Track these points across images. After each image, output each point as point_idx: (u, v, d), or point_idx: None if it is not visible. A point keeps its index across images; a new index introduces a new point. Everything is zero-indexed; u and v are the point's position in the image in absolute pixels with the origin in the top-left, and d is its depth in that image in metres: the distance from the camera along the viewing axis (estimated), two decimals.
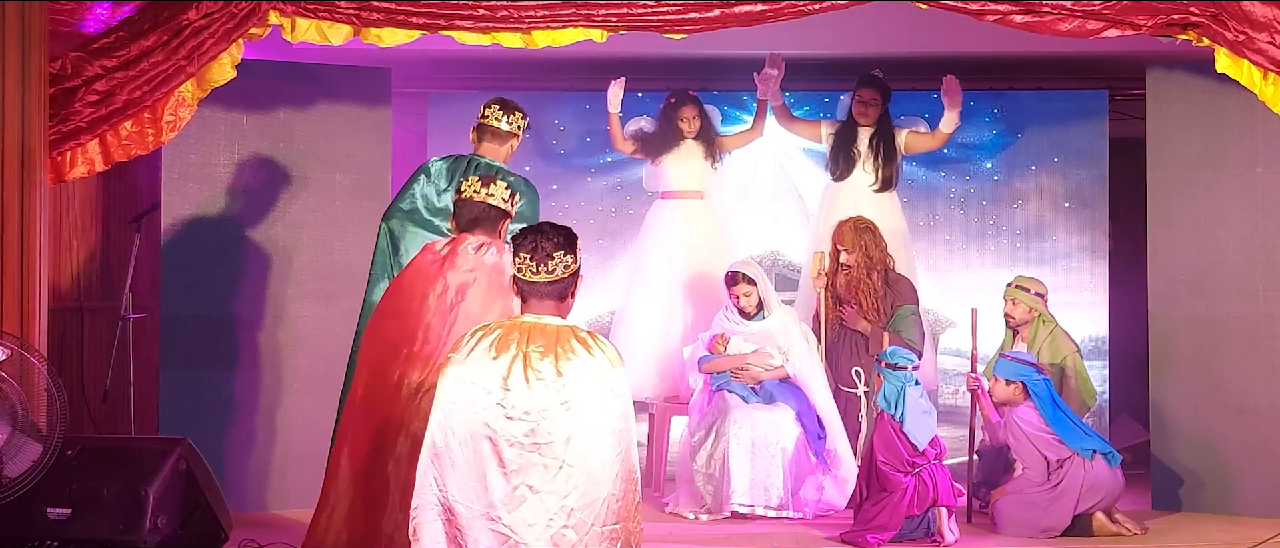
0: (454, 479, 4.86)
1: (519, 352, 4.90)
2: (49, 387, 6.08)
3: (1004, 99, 9.55)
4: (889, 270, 8.36)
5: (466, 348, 4.95)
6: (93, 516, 6.14)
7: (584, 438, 4.85)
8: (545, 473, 4.84)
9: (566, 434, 4.84)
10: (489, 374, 4.87)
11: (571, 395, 4.85)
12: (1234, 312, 8.08)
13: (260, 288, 8.12)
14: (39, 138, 6.75)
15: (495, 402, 4.85)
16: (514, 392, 4.85)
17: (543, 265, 4.98)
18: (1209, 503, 8.12)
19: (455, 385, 4.89)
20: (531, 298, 5.01)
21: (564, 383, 4.85)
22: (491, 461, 4.85)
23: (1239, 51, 6.96)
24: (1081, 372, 8.16)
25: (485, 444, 4.85)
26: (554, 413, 4.84)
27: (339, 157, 8.28)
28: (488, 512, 4.85)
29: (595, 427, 4.87)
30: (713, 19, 7.12)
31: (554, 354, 4.89)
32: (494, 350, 4.91)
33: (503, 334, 4.94)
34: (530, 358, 4.88)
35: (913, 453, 7.34)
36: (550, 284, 4.98)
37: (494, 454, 4.85)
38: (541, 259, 4.98)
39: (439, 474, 4.88)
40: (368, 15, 7.07)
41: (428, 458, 4.89)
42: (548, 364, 4.87)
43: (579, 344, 4.92)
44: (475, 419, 4.85)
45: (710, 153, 8.86)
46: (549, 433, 4.84)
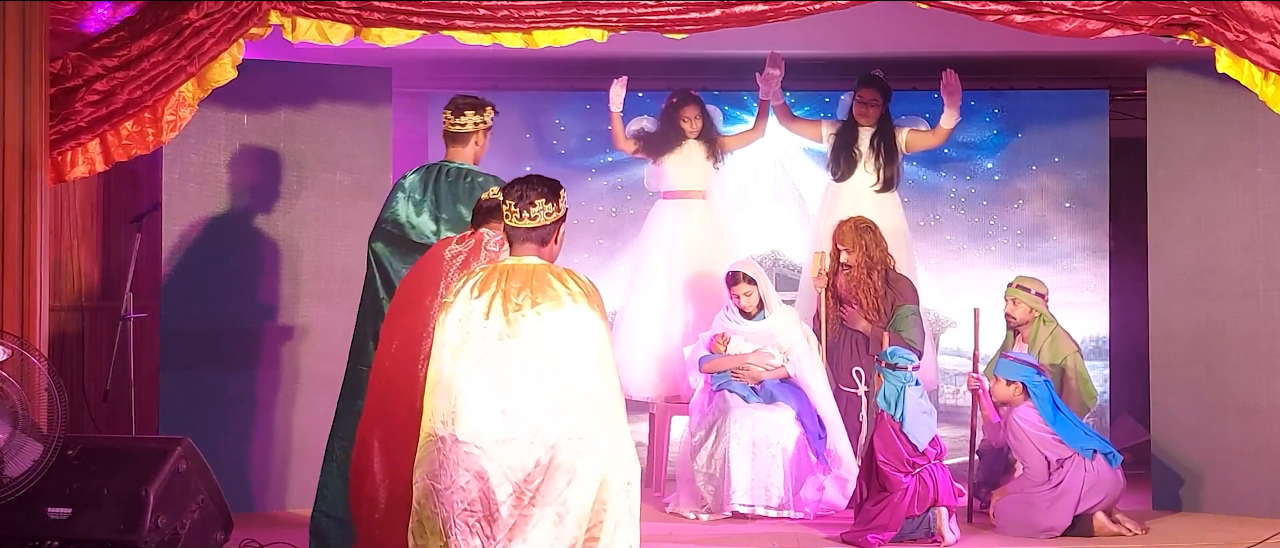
0: (444, 408, 5.30)
1: (498, 289, 5.36)
2: (49, 386, 6.08)
3: (1005, 99, 9.55)
4: (889, 270, 8.36)
5: (454, 293, 5.44)
6: (93, 515, 6.14)
7: (562, 358, 5.28)
8: (525, 396, 5.26)
9: (547, 356, 5.28)
10: (474, 312, 5.34)
11: (548, 323, 5.30)
12: (1235, 312, 8.08)
13: (261, 288, 8.12)
14: (40, 137, 6.75)
15: (480, 332, 5.31)
16: (494, 321, 5.31)
17: (526, 212, 5.43)
18: (1210, 503, 8.12)
19: (446, 328, 5.36)
20: (516, 242, 5.48)
21: (540, 310, 5.31)
22: (479, 384, 5.27)
23: (1240, 51, 6.96)
24: (1082, 372, 8.16)
25: (473, 368, 5.29)
26: (534, 339, 5.29)
27: (339, 157, 8.29)
28: (474, 438, 5.25)
29: (570, 350, 5.30)
30: (713, 19, 7.12)
31: (530, 288, 5.34)
32: (476, 290, 5.39)
33: (484, 277, 5.43)
34: (509, 294, 5.34)
35: (913, 453, 7.34)
36: (532, 230, 5.44)
37: (480, 378, 5.28)
38: (525, 206, 5.44)
39: (434, 406, 5.32)
40: (368, 15, 7.07)
41: (428, 391, 5.37)
42: (525, 297, 5.33)
43: (554, 279, 5.37)
44: (464, 351, 5.30)
45: (712, 153, 8.86)
46: (529, 358, 5.28)
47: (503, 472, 5.25)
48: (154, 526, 6.12)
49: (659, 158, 8.87)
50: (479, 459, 5.26)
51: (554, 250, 5.52)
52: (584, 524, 5.27)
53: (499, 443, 5.26)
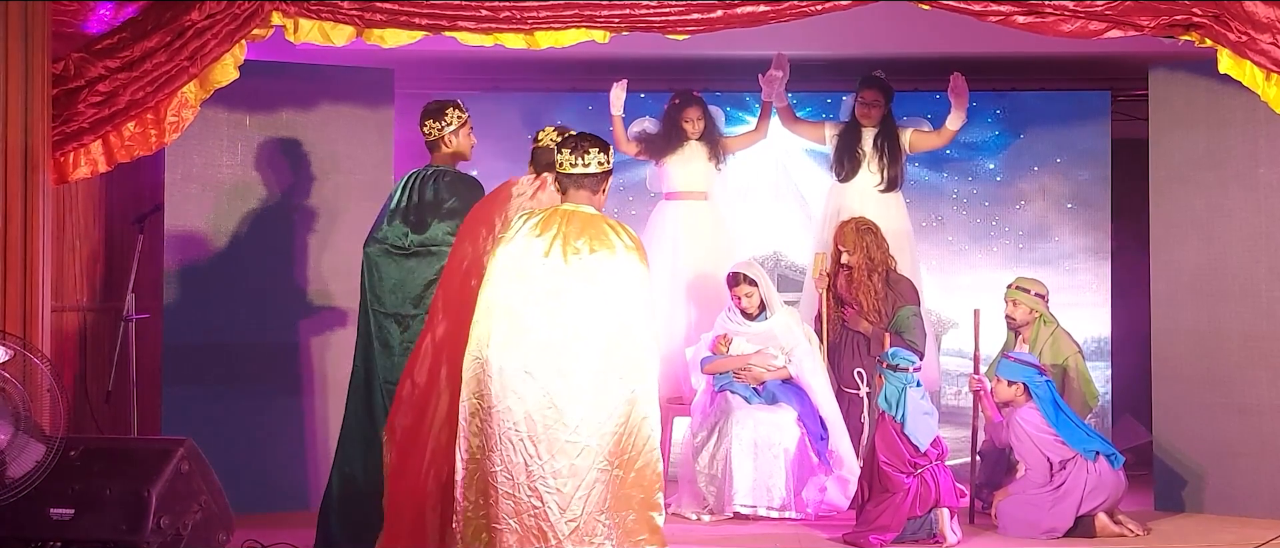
0: (499, 333, 5.78)
1: (559, 231, 5.89)
2: (52, 387, 6.08)
3: (1006, 100, 9.55)
4: (890, 272, 8.36)
5: (515, 229, 5.95)
6: (95, 516, 6.14)
7: (612, 301, 5.81)
8: (575, 331, 5.79)
9: (599, 297, 5.81)
10: (533, 249, 5.87)
11: (602, 268, 5.83)
12: (1236, 312, 8.08)
13: (263, 288, 8.12)
14: (42, 138, 6.76)
15: (539, 268, 5.83)
16: (553, 260, 5.84)
17: (581, 159, 5.96)
18: (1212, 504, 8.12)
19: (502, 261, 5.87)
20: (569, 189, 6.00)
21: (597, 259, 5.84)
22: (534, 315, 5.79)
23: (1241, 52, 6.96)
24: (1084, 372, 8.16)
25: (529, 300, 5.80)
26: (589, 280, 5.81)
27: (341, 157, 8.29)
28: (524, 366, 5.75)
29: (620, 294, 5.83)
30: (715, 20, 7.12)
31: (588, 235, 5.87)
32: (538, 229, 5.91)
33: (546, 217, 5.95)
34: (569, 237, 5.87)
35: (915, 454, 7.34)
36: (585, 176, 5.98)
37: (536, 311, 5.79)
38: (580, 154, 5.97)
39: (488, 329, 5.80)
40: (370, 16, 7.08)
41: (481, 315, 5.84)
42: (584, 242, 5.86)
43: (609, 228, 5.92)
44: (521, 284, 5.82)
45: (714, 154, 8.86)
46: (582, 297, 5.80)
47: (550, 397, 5.75)
48: (156, 526, 6.12)
49: (661, 159, 8.87)
50: (529, 384, 5.76)
51: (601, 200, 6.05)
52: (612, 449, 5.79)
53: (549, 371, 5.76)
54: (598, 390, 5.80)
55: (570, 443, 5.78)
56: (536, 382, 5.78)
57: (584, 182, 6.00)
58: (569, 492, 5.78)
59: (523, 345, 5.79)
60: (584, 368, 5.80)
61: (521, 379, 5.78)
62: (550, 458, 5.77)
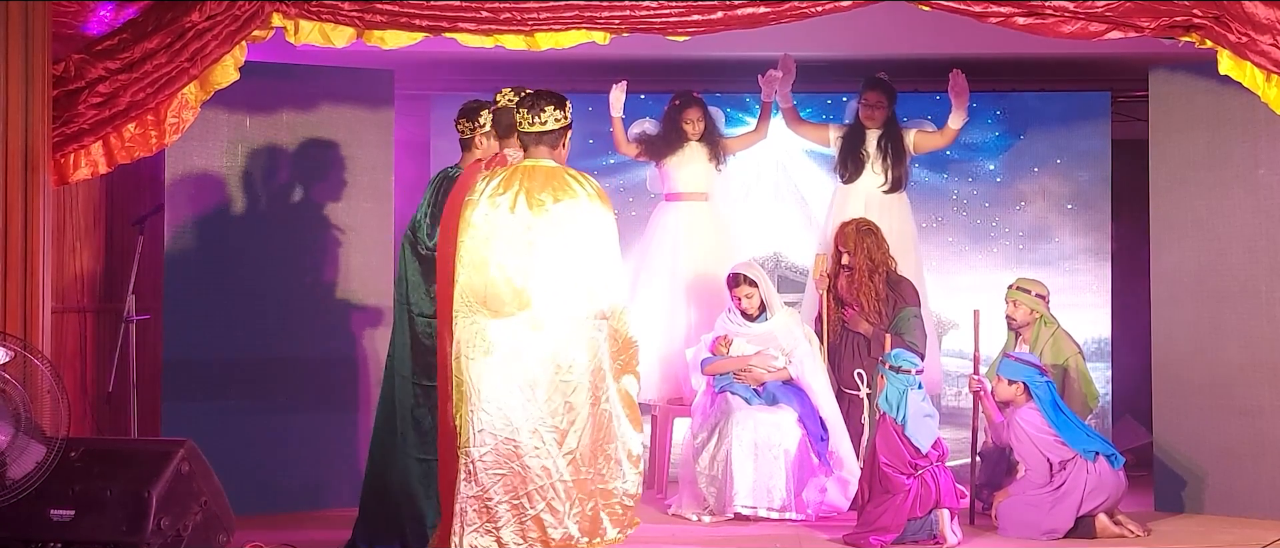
0: (479, 286, 6.10)
1: (521, 187, 6.14)
2: (52, 388, 6.08)
3: (1007, 100, 9.55)
4: (891, 273, 8.36)
5: (478, 191, 6.18)
6: (96, 517, 6.14)
7: (581, 245, 6.13)
8: (550, 276, 6.10)
9: (569, 242, 6.12)
10: (499, 206, 6.13)
11: (565, 217, 6.11)
12: (1237, 313, 8.08)
13: (263, 289, 8.12)
14: (42, 140, 6.76)
15: (507, 223, 6.10)
16: (520, 214, 6.10)
17: (537, 117, 6.21)
18: (1212, 505, 8.12)
19: (473, 221, 6.12)
20: (530, 146, 6.25)
21: (562, 207, 6.11)
22: (511, 266, 6.09)
23: (1242, 53, 6.96)
24: (1084, 373, 8.17)
25: (505, 253, 6.09)
26: (556, 228, 6.10)
27: (342, 158, 8.29)
28: (508, 312, 6.09)
29: (587, 238, 6.15)
30: (715, 21, 7.12)
31: (551, 186, 6.13)
32: (501, 188, 6.16)
33: (506, 176, 6.20)
34: (531, 190, 6.12)
35: (915, 455, 7.34)
36: (543, 133, 6.22)
37: (512, 261, 6.09)
38: (536, 111, 6.21)
39: (470, 284, 6.11)
40: (371, 17, 7.08)
41: (465, 271, 6.13)
42: (547, 193, 6.12)
43: (570, 178, 6.18)
44: (494, 240, 6.10)
45: (714, 155, 8.86)
46: (553, 244, 6.10)
47: (539, 344, 6.09)
48: (157, 527, 6.12)
49: (661, 160, 8.87)
50: (515, 332, 6.09)
51: (562, 155, 6.28)
52: (596, 376, 6.18)
53: (530, 317, 6.09)
54: (579, 330, 6.14)
55: (564, 383, 6.13)
56: (524, 330, 6.10)
57: (543, 138, 6.25)
58: (564, 428, 6.14)
59: (504, 296, 6.11)
60: (565, 313, 6.12)
61: (509, 329, 6.11)
62: (546, 399, 6.12)
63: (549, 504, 6.15)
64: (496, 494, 6.15)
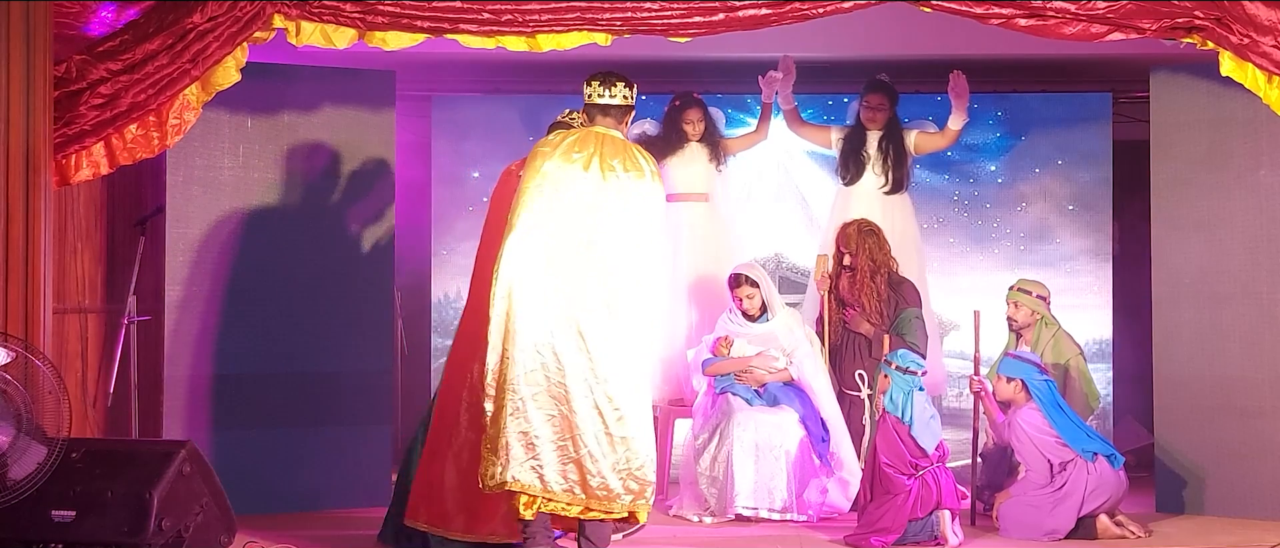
0: (537, 230, 6.28)
1: (596, 150, 6.39)
2: (53, 389, 6.09)
3: (1008, 102, 9.55)
4: (893, 274, 8.36)
5: (553, 144, 6.43)
6: (97, 518, 6.14)
7: (638, 218, 6.37)
8: (607, 238, 6.30)
9: (630, 213, 6.35)
10: (574, 162, 6.36)
11: (631, 190, 6.37)
12: (1238, 314, 8.08)
13: (264, 290, 8.12)
14: (43, 140, 6.76)
15: (578, 179, 6.33)
16: (593, 174, 6.34)
17: (608, 90, 6.49)
18: (1213, 505, 8.12)
19: (546, 171, 6.34)
20: (598, 117, 6.51)
21: (629, 178, 6.37)
22: (572, 221, 6.30)
23: (1243, 55, 6.96)
24: (1085, 374, 8.17)
25: (570, 207, 6.30)
26: (622, 196, 6.35)
27: (343, 159, 8.29)
28: (560, 263, 6.26)
29: (645, 213, 6.39)
30: (716, 22, 7.12)
31: (622, 157, 6.39)
32: (577, 147, 6.40)
33: (581, 137, 6.45)
34: (605, 156, 6.37)
35: (917, 456, 7.34)
36: (614, 106, 6.50)
37: (575, 217, 6.30)
38: (608, 85, 6.50)
39: (523, 223, 6.29)
40: (372, 18, 7.08)
41: (521, 209, 6.33)
42: (618, 162, 6.38)
43: (637, 153, 6.46)
44: (562, 192, 6.31)
45: (715, 155, 8.86)
46: (615, 210, 6.34)
47: (591, 294, 6.26)
48: (158, 528, 6.13)
49: (662, 161, 8.86)
50: (572, 281, 6.25)
51: (625, 132, 6.54)
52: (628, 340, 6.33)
53: (587, 269, 6.27)
54: (626, 299, 6.34)
55: (612, 339, 6.30)
56: (581, 280, 6.28)
57: (611, 111, 6.50)
58: (610, 380, 6.29)
59: (563, 248, 6.29)
60: (618, 278, 6.32)
61: (567, 279, 6.28)
62: (596, 349, 6.27)
63: (590, 451, 6.24)
64: (543, 433, 6.23)
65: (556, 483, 6.23)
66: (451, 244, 9.52)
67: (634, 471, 6.28)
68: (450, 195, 9.54)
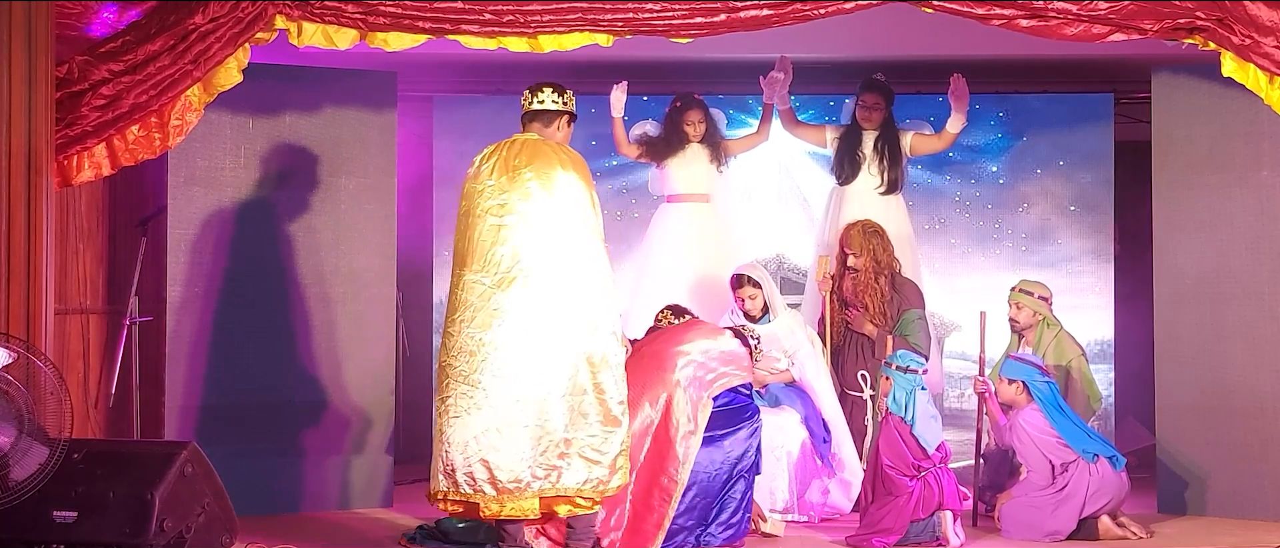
0: (467, 255, 6.64)
1: (499, 156, 6.70)
2: (55, 390, 6.08)
3: (1009, 102, 9.55)
4: (896, 274, 8.36)
5: (476, 162, 6.74)
6: (99, 519, 6.14)
7: (556, 212, 6.60)
8: (522, 239, 6.56)
9: (540, 209, 6.60)
10: (481, 174, 6.70)
11: (539, 182, 6.61)
12: (1239, 315, 8.08)
13: (266, 291, 8.12)
14: (45, 141, 6.76)
15: (487, 190, 6.65)
16: (497, 179, 6.64)
17: (535, 97, 6.83)
18: (1215, 506, 8.11)
19: (466, 195, 6.72)
20: (525, 124, 6.83)
21: (535, 170, 6.61)
22: (486, 233, 6.62)
23: (1245, 55, 6.96)
24: (1087, 375, 8.17)
25: (483, 220, 6.63)
26: (526, 193, 6.60)
27: (345, 160, 8.29)
28: (484, 275, 6.60)
29: (561, 206, 6.61)
30: (718, 23, 7.12)
31: (525, 154, 6.66)
32: (488, 156, 6.73)
33: (491, 150, 6.75)
34: (509, 158, 6.66)
35: (919, 456, 7.34)
36: (538, 112, 6.81)
37: (487, 229, 6.62)
38: (535, 92, 6.83)
39: (463, 255, 6.66)
40: (374, 19, 7.08)
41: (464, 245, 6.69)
42: (521, 160, 6.65)
43: (548, 149, 6.70)
44: (475, 208, 6.65)
45: (716, 156, 8.86)
46: (525, 209, 6.59)
47: (511, 300, 6.53)
48: (159, 529, 6.12)
49: (663, 162, 8.87)
50: (491, 290, 6.55)
51: (556, 136, 6.78)
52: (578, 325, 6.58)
53: (501, 276, 6.56)
54: (552, 292, 6.58)
55: (539, 344, 6.56)
56: (500, 289, 6.58)
57: (538, 116, 6.80)
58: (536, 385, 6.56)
59: (479, 261, 6.61)
60: (538, 276, 6.56)
61: (486, 288, 6.59)
62: (524, 360, 6.54)
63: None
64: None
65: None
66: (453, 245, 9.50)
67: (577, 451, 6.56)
68: (452, 196, 9.46)
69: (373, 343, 8.33)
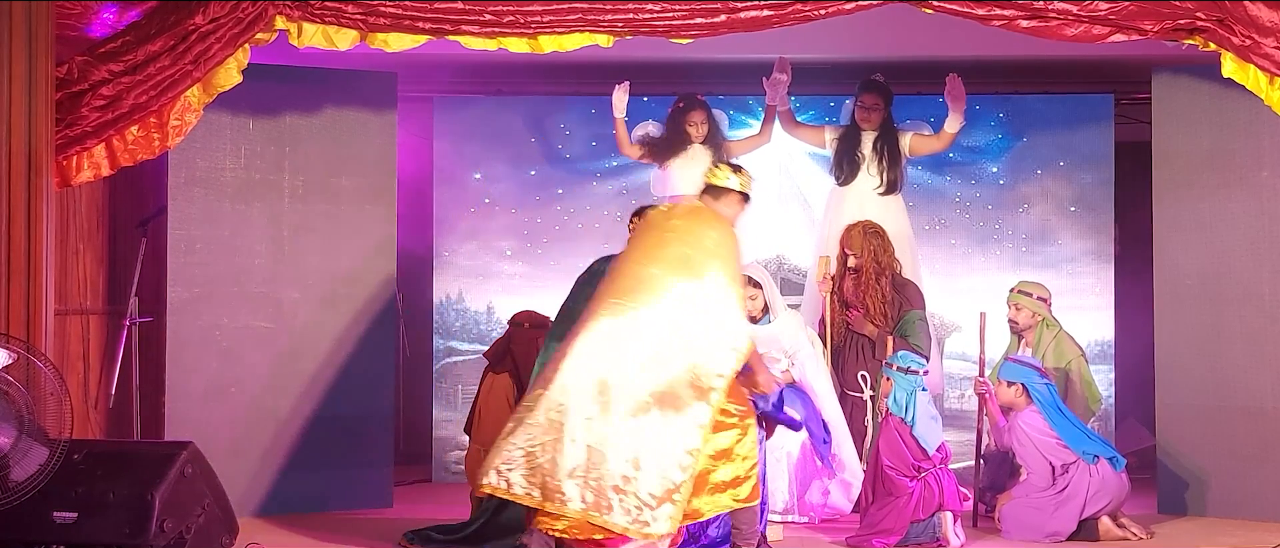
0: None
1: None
2: (55, 390, 6.09)
3: (1009, 103, 9.54)
4: (896, 275, 8.36)
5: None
6: (99, 520, 6.14)
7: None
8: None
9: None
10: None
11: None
12: (1239, 315, 8.08)
13: (266, 292, 8.13)
14: (45, 142, 6.76)
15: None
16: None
17: (731, 173, 6.85)
18: (1215, 507, 8.11)
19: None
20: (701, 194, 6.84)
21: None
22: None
23: (1245, 56, 6.96)
24: (1086, 376, 8.16)
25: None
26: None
27: (345, 161, 8.29)
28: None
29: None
30: (718, 24, 7.12)
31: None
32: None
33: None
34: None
35: (919, 457, 7.34)
36: (711, 186, 6.81)
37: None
38: (735, 170, 6.88)
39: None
40: (374, 20, 7.08)
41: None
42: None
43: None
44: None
45: (717, 157, 8.85)
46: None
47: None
48: (159, 530, 6.13)
49: (665, 162, 8.86)
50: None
51: (725, 211, 6.80)
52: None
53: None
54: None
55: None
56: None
57: (708, 190, 6.79)
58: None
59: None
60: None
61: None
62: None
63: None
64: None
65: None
66: (453, 246, 9.52)
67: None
68: (452, 197, 9.54)
69: (373, 343, 8.33)
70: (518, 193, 9.52)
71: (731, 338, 6.33)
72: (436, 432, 9.46)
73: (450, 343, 9.49)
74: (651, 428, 6.16)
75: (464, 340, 9.48)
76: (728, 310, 6.39)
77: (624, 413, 6.16)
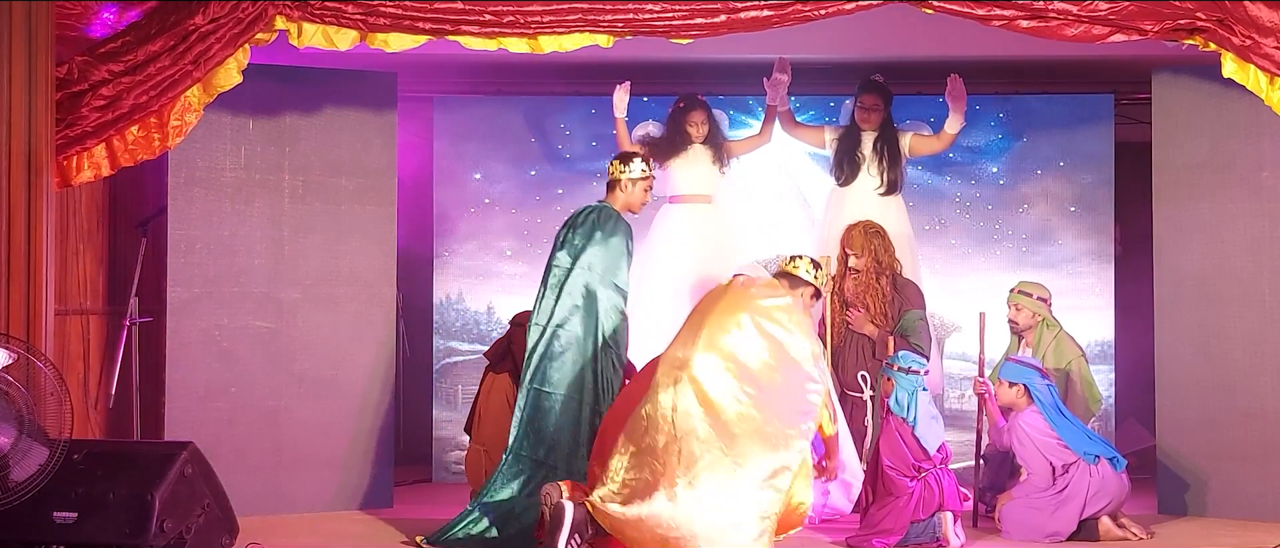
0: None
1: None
2: (55, 390, 6.09)
3: (1010, 103, 9.54)
4: (897, 275, 8.36)
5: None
6: (99, 520, 6.15)
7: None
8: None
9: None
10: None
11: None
12: (1240, 316, 8.08)
13: (266, 292, 8.12)
14: (45, 142, 6.76)
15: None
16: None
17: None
18: (1215, 507, 8.11)
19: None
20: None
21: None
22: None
23: (1245, 56, 6.96)
24: (1086, 376, 8.16)
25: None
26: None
27: (345, 161, 8.29)
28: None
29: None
30: (718, 24, 7.12)
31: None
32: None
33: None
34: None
35: (919, 457, 7.34)
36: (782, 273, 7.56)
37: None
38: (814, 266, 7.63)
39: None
40: (374, 20, 7.08)
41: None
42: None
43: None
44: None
45: (718, 157, 8.85)
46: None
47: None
48: (159, 530, 6.13)
49: (665, 162, 8.86)
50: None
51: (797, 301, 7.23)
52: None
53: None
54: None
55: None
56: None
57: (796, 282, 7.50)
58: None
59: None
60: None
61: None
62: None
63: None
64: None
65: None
66: (453, 246, 9.52)
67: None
68: (452, 197, 9.54)
69: (373, 343, 8.33)
70: (518, 193, 9.52)
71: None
72: (436, 432, 9.46)
73: (450, 343, 9.49)
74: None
75: (464, 340, 9.48)
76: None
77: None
